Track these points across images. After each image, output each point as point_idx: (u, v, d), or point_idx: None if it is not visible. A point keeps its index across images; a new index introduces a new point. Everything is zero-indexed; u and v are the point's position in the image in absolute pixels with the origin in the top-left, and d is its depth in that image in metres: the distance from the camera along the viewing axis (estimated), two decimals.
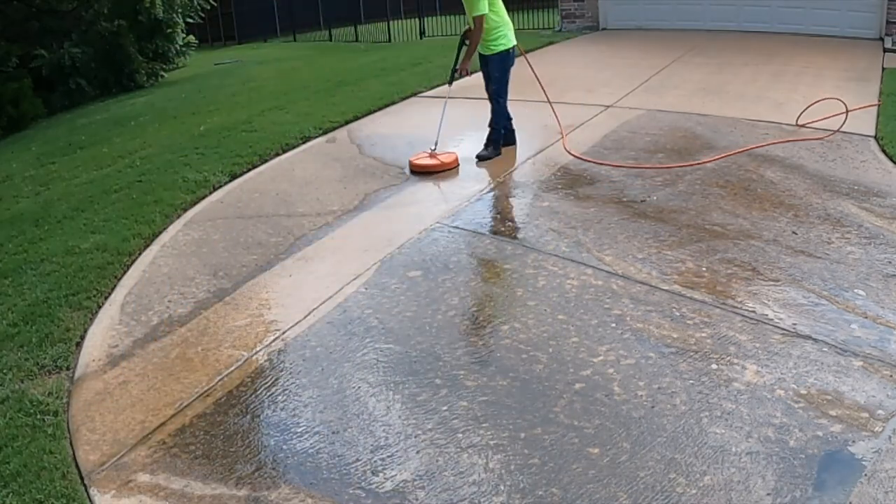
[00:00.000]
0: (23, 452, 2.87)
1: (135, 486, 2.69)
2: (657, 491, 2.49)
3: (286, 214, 5.05)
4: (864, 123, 6.20)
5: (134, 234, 4.79)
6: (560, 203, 4.85)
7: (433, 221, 4.67)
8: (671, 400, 2.92)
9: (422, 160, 5.66)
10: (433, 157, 5.65)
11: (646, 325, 3.42)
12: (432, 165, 5.59)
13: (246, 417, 3.04)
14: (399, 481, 2.62)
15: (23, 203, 5.95)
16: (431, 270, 4.08)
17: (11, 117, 10.55)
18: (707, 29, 11.17)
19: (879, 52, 9.16)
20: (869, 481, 2.48)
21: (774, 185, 5.02)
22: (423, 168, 5.59)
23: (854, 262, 3.94)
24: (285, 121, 7.28)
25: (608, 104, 7.19)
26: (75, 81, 11.88)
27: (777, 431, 2.72)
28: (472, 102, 7.89)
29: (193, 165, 6.08)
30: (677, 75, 8.38)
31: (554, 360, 3.22)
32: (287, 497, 2.59)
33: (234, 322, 3.74)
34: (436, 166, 5.59)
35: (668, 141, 6.00)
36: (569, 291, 3.76)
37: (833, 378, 3.00)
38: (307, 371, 3.32)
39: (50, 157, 7.54)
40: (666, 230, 4.38)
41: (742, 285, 3.75)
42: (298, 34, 18.96)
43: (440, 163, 5.61)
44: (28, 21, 11.84)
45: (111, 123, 9.01)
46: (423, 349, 3.37)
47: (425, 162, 5.63)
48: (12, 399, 3.20)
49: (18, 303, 4.05)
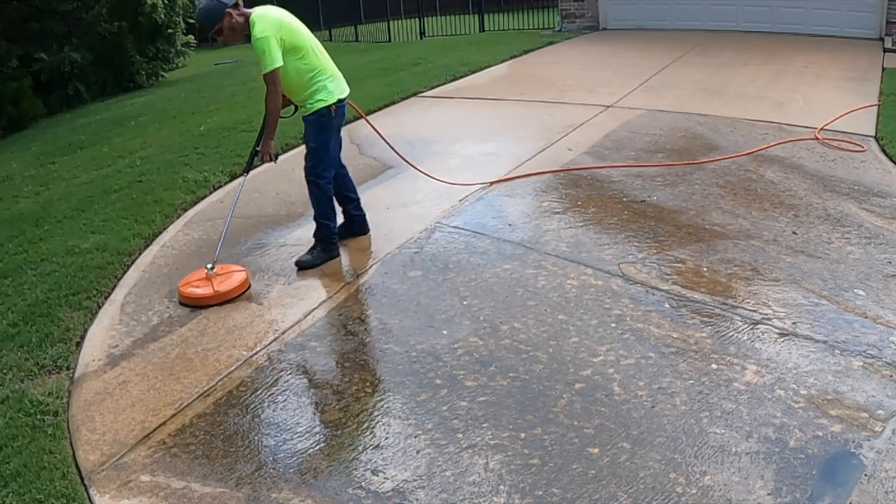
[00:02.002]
0: (23, 452, 2.86)
1: (135, 486, 2.69)
2: (657, 491, 2.49)
3: (286, 214, 5.05)
4: (865, 123, 6.21)
5: (134, 233, 4.79)
6: (560, 203, 4.85)
7: (433, 221, 4.67)
8: (671, 400, 2.92)
9: (190, 288, 3.97)
10: (208, 283, 3.98)
11: (646, 325, 3.42)
12: (203, 297, 3.90)
13: (246, 417, 3.04)
14: (399, 481, 2.62)
15: (23, 203, 5.95)
16: (431, 270, 4.08)
17: (11, 117, 10.56)
18: (707, 29, 11.17)
19: (879, 52, 9.16)
20: (869, 481, 2.48)
21: (774, 185, 5.02)
22: (191, 300, 3.93)
23: (854, 262, 3.94)
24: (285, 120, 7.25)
25: (608, 104, 7.18)
26: (74, 86, 11.88)
27: (777, 431, 2.72)
28: (473, 103, 7.92)
29: (193, 165, 6.08)
30: (677, 75, 8.38)
31: (554, 360, 3.22)
32: (287, 497, 2.59)
33: (234, 322, 3.73)
34: (207, 298, 3.89)
35: (669, 141, 6.00)
36: (569, 291, 3.76)
37: (833, 378, 3.00)
38: (307, 371, 3.32)
39: (50, 157, 7.54)
40: (666, 230, 4.38)
41: (742, 285, 3.75)
42: None
43: (213, 293, 3.91)
44: (28, 21, 11.83)
45: (111, 123, 9.01)
46: (423, 349, 3.37)
47: (195, 292, 3.94)
48: (12, 399, 3.20)
49: (18, 303, 4.04)
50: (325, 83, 4.07)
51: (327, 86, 4.08)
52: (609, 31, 12.26)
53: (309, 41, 4.05)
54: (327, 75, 4.09)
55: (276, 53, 3.85)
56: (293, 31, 3.97)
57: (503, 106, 7.60)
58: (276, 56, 3.85)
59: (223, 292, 3.91)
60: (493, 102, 7.82)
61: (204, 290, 3.93)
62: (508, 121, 6.98)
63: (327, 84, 4.08)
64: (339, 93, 4.13)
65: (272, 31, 3.85)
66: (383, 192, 5.28)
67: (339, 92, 4.13)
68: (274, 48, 3.84)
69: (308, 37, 4.07)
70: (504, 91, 8.26)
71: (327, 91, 4.07)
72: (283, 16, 3.99)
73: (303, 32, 4.05)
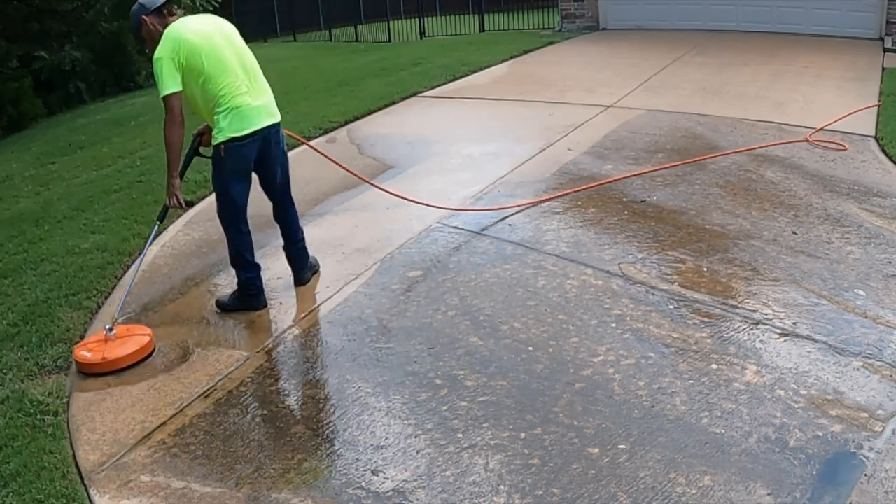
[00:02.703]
0: (23, 452, 2.87)
1: (135, 486, 2.69)
2: (657, 491, 2.49)
3: None
4: (865, 123, 6.21)
5: (134, 233, 4.79)
6: (560, 203, 4.85)
7: (433, 221, 4.67)
8: (671, 400, 2.92)
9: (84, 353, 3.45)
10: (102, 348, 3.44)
11: (646, 325, 3.42)
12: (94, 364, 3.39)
13: (246, 417, 3.04)
14: (399, 481, 2.62)
15: (23, 203, 5.95)
16: (431, 270, 4.08)
17: (12, 117, 10.55)
18: (707, 29, 11.17)
19: (879, 52, 9.16)
20: (869, 481, 2.48)
21: (774, 185, 5.02)
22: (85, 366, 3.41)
23: (854, 262, 3.94)
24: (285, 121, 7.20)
25: (608, 104, 7.18)
26: (75, 85, 11.87)
27: (777, 431, 2.72)
28: (473, 103, 7.92)
29: (193, 165, 6.04)
30: (677, 75, 8.38)
31: (554, 360, 3.22)
32: (287, 497, 2.59)
33: (234, 322, 3.73)
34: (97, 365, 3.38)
35: (669, 141, 6.00)
36: (569, 291, 3.76)
37: (833, 378, 3.00)
38: (307, 371, 3.32)
39: (50, 157, 7.53)
40: (666, 230, 4.38)
41: (742, 285, 3.75)
42: (298, 34, 18.94)
43: (102, 360, 3.38)
44: (28, 21, 11.82)
45: (111, 123, 9.01)
46: (423, 349, 3.37)
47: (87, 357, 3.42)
48: (12, 399, 3.20)
49: (18, 303, 4.05)
50: (222, 115, 3.47)
51: (222, 119, 3.47)
52: (609, 31, 12.26)
53: (218, 62, 3.46)
54: (226, 106, 3.47)
55: (170, 78, 3.37)
56: (195, 53, 3.41)
57: (503, 106, 7.60)
58: (169, 82, 3.38)
59: (112, 359, 3.37)
60: (493, 102, 7.82)
61: (93, 356, 3.41)
62: (508, 121, 6.98)
63: (226, 116, 3.47)
64: (234, 130, 3.48)
65: (168, 52, 3.38)
66: (383, 192, 5.28)
67: (235, 129, 3.48)
68: (167, 72, 3.37)
69: (219, 56, 3.48)
70: (504, 91, 8.26)
71: (219, 127, 3.49)
72: (191, 33, 3.45)
73: (213, 52, 3.46)
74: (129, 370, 3.38)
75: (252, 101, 3.56)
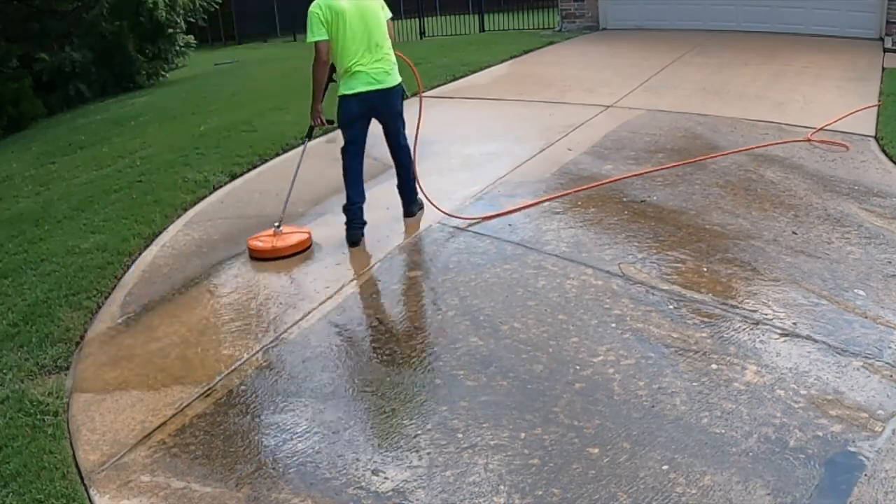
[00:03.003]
0: (23, 452, 2.86)
1: (135, 486, 2.69)
2: (657, 491, 2.49)
3: (287, 214, 5.04)
4: (865, 123, 6.21)
5: (134, 234, 4.79)
6: (560, 203, 4.85)
7: (433, 221, 4.67)
8: (671, 400, 2.92)
9: (256, 242, 4.42)
10: (272, 239, 4.41)
11: (646, 325, 3.42)
12: (264, 250, 4.34)
13: (246, 417, 3.04)
14: (399, 481, 2.62)
15: (23, 203, 5.95)
16: (431, 270, 4.08)
17: (12, 117, 10.55)
18: (707, 29, 11.18)
19: (879, 52, 9.17)
20: (869, 481, 2.48)
21: (774, 185, 5.02)
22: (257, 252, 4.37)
23: (854, 262, 3.94)
24: (286, 121, 7.27)
25: (608, 104, 7.18)
26: (75, 86, 11.87)
27: (777, 431, 2.72)
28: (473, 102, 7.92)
29: (194, 165, 6.08)
30: (677, 75, 8.38)
31: (554, 360, 3.22)
32: (287, 497, 2.59)
33: (234, 322, 3.74)
34: (267, 251, 4.33)
35: (669, 141, 6.00)
36: (569, 291, 3.76)
37: (833, 378, 3.00)
38: (307, 371, 3.32)
39: (50, 157, 7.54)
40: (666, 230, 4.38)
41: (742, 285, 3.75)
42: (298, 34, 18.94)
43: (272, 247, 4.33)
44: (28, 21, 11.82)
45: (111, 123, 9.01)
46: (423, 349, 3.37)
47: (258, 244, 4.39)
48: (12, 399, 3.20)
49: (18, 303, 4.05)
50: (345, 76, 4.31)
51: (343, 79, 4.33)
52: (609, 31, 12.27)
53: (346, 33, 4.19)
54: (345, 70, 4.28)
55: (315, 30, 4.17)
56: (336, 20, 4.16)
57: (503, 106, 7.60)
58: (314, 32, 4.17)
59: (280, 248, 4.29)
60: (493, 102, 7.82)
61: (263, 243, 4.35)
62: (508, 121, 6.98)
63: (343, 78, 4.33)
64: (349, 88, 4.32)
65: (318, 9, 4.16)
66: (383, 192, 5.27)
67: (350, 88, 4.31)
68: (314, 25, 4.17)
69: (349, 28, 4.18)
70: (504, 91, 8.27)
71: (342, 83, 4.35)
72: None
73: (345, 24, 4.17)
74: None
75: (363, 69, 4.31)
